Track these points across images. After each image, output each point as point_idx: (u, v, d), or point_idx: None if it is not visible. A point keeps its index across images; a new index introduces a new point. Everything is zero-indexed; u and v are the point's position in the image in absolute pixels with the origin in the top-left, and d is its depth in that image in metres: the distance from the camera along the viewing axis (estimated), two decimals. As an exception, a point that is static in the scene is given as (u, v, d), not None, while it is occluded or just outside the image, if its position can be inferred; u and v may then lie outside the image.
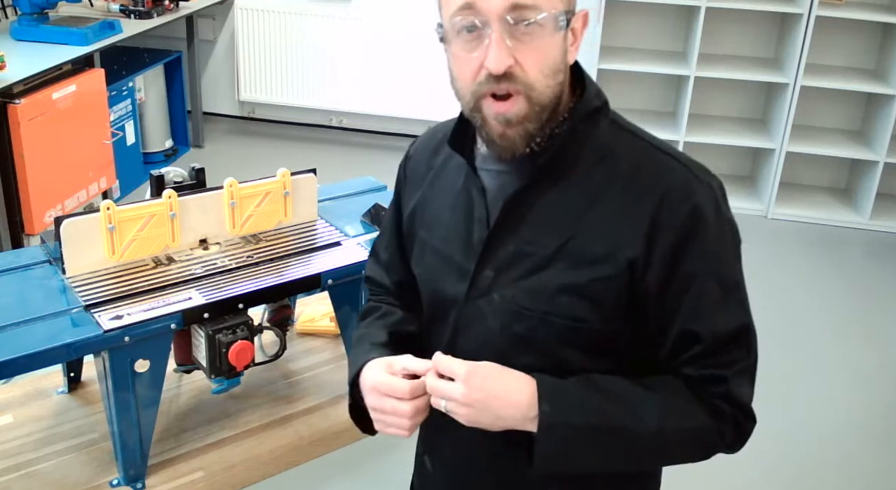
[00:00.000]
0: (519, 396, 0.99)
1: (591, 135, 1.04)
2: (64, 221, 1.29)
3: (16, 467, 1.32)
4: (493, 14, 0.95)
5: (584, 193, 1.02)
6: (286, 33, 4.89)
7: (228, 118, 5.26)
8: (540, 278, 1.02)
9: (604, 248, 1.00)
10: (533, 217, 1.04)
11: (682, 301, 1.02)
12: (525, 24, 0.96)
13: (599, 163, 1.03)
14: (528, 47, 0.97)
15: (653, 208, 0.99)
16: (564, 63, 1.01)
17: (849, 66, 4.39)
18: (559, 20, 0.98)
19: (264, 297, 1.35)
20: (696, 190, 1.01)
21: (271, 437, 1.41)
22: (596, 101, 1.05)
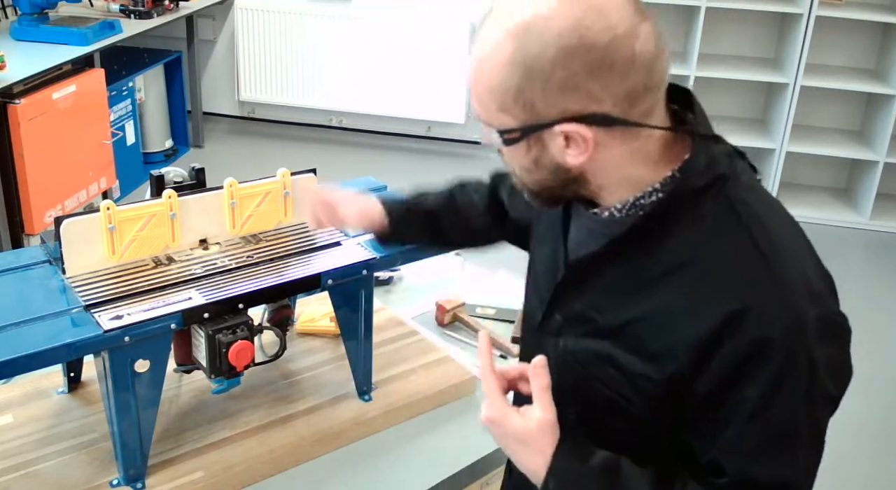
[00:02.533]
0: (524, 464, 0.98)
1: (681, 214, 0.92)
2: (64, 221, 1.29)
3: (16, 467, 1.32)
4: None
5: (654, 278, 0.93)
6: (286, 33, 4.89)
7: (228, 118, 5.26)
8: (599, 345, 0.98)
9: (656, 347, 0.93)
10: (602, 284, 0.98)
11: (720, 434, 0.92)
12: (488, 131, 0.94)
13: (685, 247, 0.92)
14: (503, 149, 0.96)
15: (716, 324, 0.88)
16: (543, 165, 0.93)
17: (849, 66, 4.40)
18: (497, 137, 0.93)
19: (264, 297, 1.35)
20: (775, 320, 0.87)
21: (271, 437, 1.40)
22: (698, 181, 0.92)
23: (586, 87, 0.86)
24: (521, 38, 0.86)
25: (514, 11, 0.87)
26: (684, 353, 0.91)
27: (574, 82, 0.86)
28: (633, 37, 0.86)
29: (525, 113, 0.89)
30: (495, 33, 0.88)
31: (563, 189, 0.97)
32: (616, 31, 0.85)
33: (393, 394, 1.54)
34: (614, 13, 0.85)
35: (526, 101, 0.88)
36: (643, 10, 0.88)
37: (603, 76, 0.85)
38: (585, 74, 0.85)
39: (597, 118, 0.88)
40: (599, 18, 0.84)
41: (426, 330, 1.78)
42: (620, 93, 0.87)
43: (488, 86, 0.90)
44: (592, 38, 0.84)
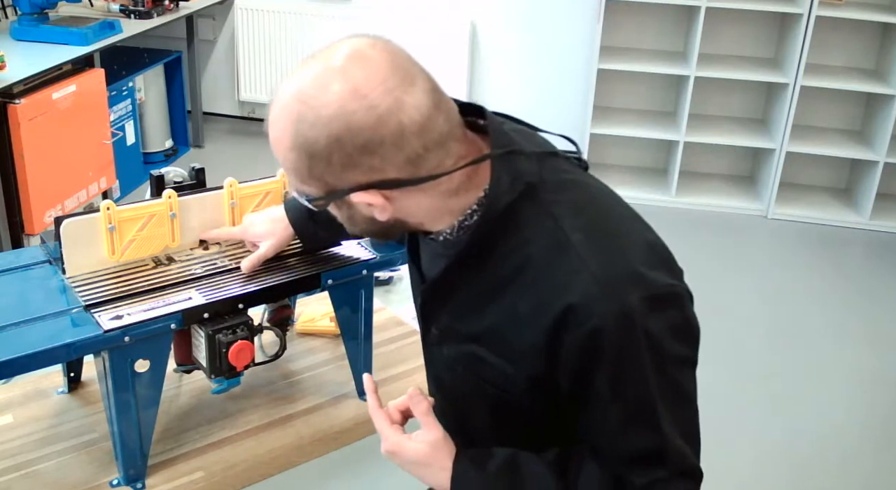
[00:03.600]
0: (435, 481, 1.05)
1: (505, 226, 0.98)
2: (64, 221, 1.29)
3: (16, 467, 1.32)
4: None
5: (494, 289, 1.00)
6: (286, 33, 4.89)
7: (228, 118, 5.26)
8: (471, 348, 1.05)
9: (511, 350, 1.00)
10: (456, 298, 1.05)
11: (587, 419, 1.00)
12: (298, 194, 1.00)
13: (514, 254, 0.98)
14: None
15: (551, 325, 0.95)
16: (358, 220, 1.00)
17: (849, 66, 4.39)
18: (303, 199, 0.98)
19: (264, 297, 1.35)
20: (598, 311, 0.93)
21: (271, 437, 1.40)
22: (507, 197, 0.98)
23: (366, 162, 0.92)
24: (296, 125, 0.91)
25: (293, 100, 0.92)
26: (533, 355, 0.98)
27: (352, 161, 0.91)
28: (397, 111, 0.90)
29: (320, 186, 0.95)
30: (279, 118, 0.94)
31: (386, 234, 1.04)
32: (378, 110, 0.89)
33: (393, 394, 1.53)
34: (375, 92, 0.89)
35: (317, 177, 0.94)
36: (410, 74, 0.93)
37: (377, 152, 0.91)
38: (360, 154, 0.91)
39: (385, 183, 0.93)
40: (360, 101, 0.89)
41: (426, 330, 1.78)
42: (400, 161, 0.92)
43: (284, 163, 0.96)
44: (357, 121, 0.89)
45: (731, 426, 2.77)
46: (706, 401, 1.09)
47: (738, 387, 2.99)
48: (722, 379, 2.98)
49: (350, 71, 0.90)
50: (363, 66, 0.91)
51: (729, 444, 2.68)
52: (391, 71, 0.92)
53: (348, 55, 0.91)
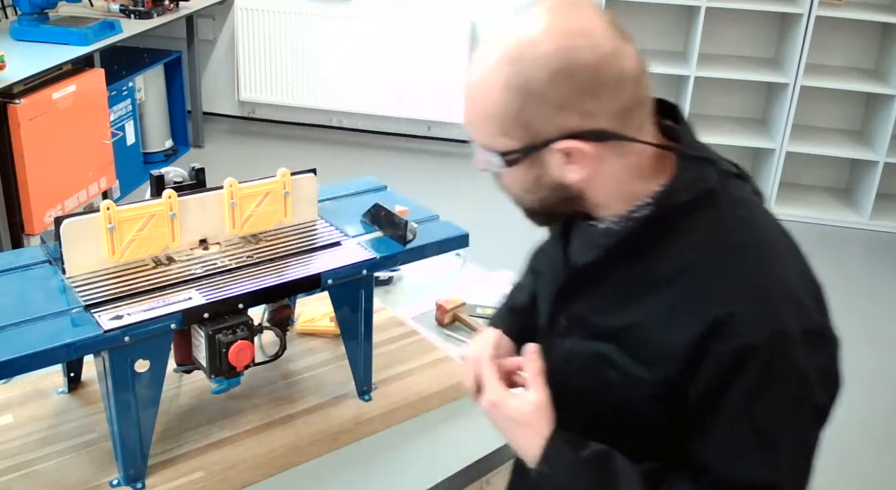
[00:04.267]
0: (522, 447, 1.04)
1: (670, 227, 0.97)
2: (64, 221, 1.29)
3: (16, 467, 1.32)
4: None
5: (647, 286, 0.97)
6: (286, 33, 4.89)
7: (228, 118, 5.26)
8: (599, 346, 1.02)
9: (649, 351, 0.97)
10: (600, 290, 1.03)
11: (708, 435, 0.95)
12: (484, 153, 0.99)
13: (679, 255, 0.96)
14: (500, 170, 1.00)
15: (703, 330, 0.91)
16: (543, 183, 0.98)
17: (849, 66, 4.40)
18: (493, 159, 0.97)
19: (264, 297, 1.35)
20: (759, 328, 0.90)
21: (271, 437, 1.40)
22: (684, 195, 0.96)
23: (581, 105, 0.91)
24: (514, 64, 0.91)
25: (506, 39, 0.92)
26: (674, 359, 0.94)
27: (569, 101, 0.90)
28: (618, 56, 0.91)
29: (525, 134, 0.93)
30: (489, 61, 0.93)
31: (561, 207, 1.01)
32: (602, 50, 0.90)
33: (393, 394, 1.54)
34: (598, 35, 0.91)
35: (525, 122, 0.93)
36: (624, 33, 0.94)
37: (595, 94, 0.90)
38: (578, 93, 0.90)
39: (594, 134, 0.92)
40: (585, 40, 0.90)
41: (426, 330, 1.78)
42: (614, 109, 0.92)
43: (487, 111, 0.94)
44: (580, 59, 0.89)
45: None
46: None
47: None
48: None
49: (572, 13, 0.91)
50: (584, 11, 0.92)
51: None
52: (609, 22, 0.93)
53: (565, 2, 0.93)
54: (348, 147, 5.04)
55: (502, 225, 4.23)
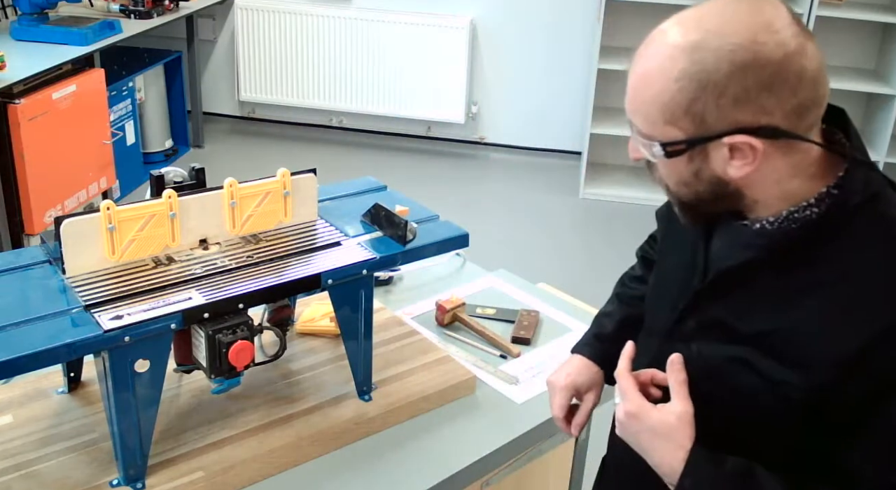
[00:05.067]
0: (661, 460, 0.99)
1: (836, 229, 0.94)
2: (64, 221, 1.29)
3: (16, 467, 1.32)
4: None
5: (804, 289, 0.95)
6: (286, 33, 4.90)
7: (228, 118, 5.26)
8: (737, 350, 0.99)
9: (801, 355, 0.94)
10: (747, 292, 1.00)
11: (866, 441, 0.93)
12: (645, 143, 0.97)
13: (842, 257, 0.93)
14: (658, 160, 0.97)
15: (868, 337, 0.89)
16: (702, 178, 0.95)
17: (849, 66, 4.40)
18: (654, 148, 0.95)
19: (264, 297, 1.35)
20: None
21: (271, 437, 1.40)
22: (855, 198, 0.94)
23: (759, 100, 0.89)
24: (693, 54, 0.89)
25: (685, 29, 0.92)
26: (832, 365, 0.91)
27: (747, 96, 0.88)
28: (801, 54, 0.89)
29: (694, 125, 0.91)
30: (665, 49, 0.92)
31: (716, 203, 0.99)
32: (787, 48, 0.88)
33: (393, 394, 1.54)
34: (784, 31, 0.89)
35: (696, 113, 0.90)
36: (807, 30, 0.92)
37: (776, 91, 0.89)
38: (758, 89, 0.88)
39: (767, 131, 0.90)
40: (771, 35, 0.88)
41: (426, 330, 1.78)
42: (790, 107, 0.90)
43: (656, 100, 0.93)
44: (766, 54, 0.87)
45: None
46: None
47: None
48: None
49: (758, 6, 0.90)
50: (772, 5, 0.90)
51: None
52: (793, 19, 0.91)
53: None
54: (348, 147, 5.04)
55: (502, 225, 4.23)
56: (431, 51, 4.76)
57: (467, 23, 4.69)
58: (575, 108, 4.79)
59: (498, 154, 5.04)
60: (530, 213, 4.39)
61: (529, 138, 4.98)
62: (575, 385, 1.29)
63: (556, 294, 2.00)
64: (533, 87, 4.85)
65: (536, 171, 4.87)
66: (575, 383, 1.29)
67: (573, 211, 4.47)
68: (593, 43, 4.38)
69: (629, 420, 1.02)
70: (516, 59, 4.82)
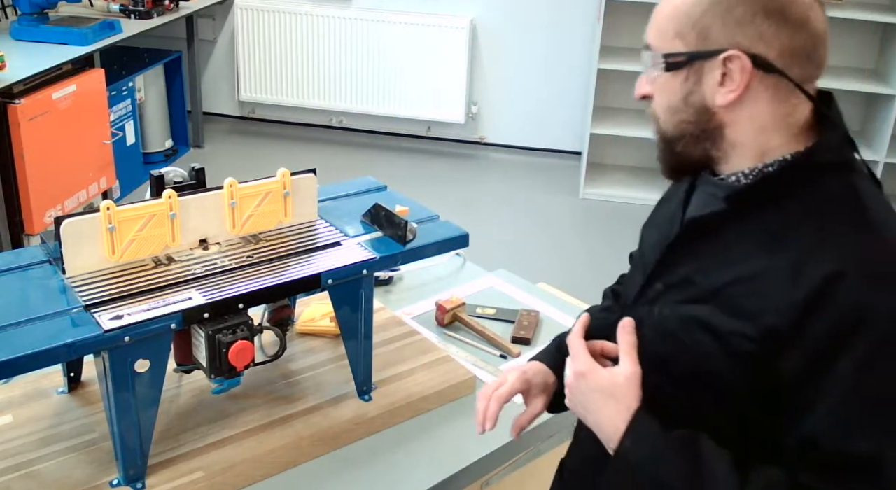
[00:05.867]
0: (607, 421, 1.01)
1: (805, 184, 0.96)
2: (64, 221, 1.29)
3: (16, 467, 1.32)
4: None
5: (766, 243, 0.95)
6: (286, 33, 4.89)
7: (228, 118, 5.26)
8: (695, 310, 0.99)
9: (753, 306, 0.94)
10: (712, 248, 1.01)
11: (816, 403, 0.91)
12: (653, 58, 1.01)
13: (800, 215, 0.95)
14: (656, 82, 1.02)
15: (815, 285, 0.89)
16: (691, 103, 0.99)
17: (849, 66, 4.40)
18: (660, 61, 1.00)
19: (264, 297, 1.35)
20: (879, 286, 0.88)
21: (271, 437, 1.40)
22: (826, 156, 0.97)
23: (761, 26, 0.95)
24: None
25: None
26: (782, 312, 0.91)
27: (752, 20, 0.94)
28: (811, 7, 0.98)
29: (698, 40, 0.97)
30: None
31: (697, 141, 1.01)
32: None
33: (393, 394, 1.54)
34: None
35: (703, 27, 0.96)
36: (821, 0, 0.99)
37: (777, 22, 0.95)
38: (763, 15, 0.94)
39: (759, 60, 0.95)
40: None
41: (426, 330, 1.78)
42: (787, 46, 0.96)
43: (672, 11, 0.98)
44: None
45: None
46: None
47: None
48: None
49: None
50: None
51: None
52: None
53: None
54: (348, 147, 5.04)
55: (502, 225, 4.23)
56: (431, 51, 4.76)
57: (467, 23, 4.69)
58: (575, 108, 4.79)
59: (498, 154, 5.03)
60: (530, 213, 4.39)
61: (529, 138, 4.98)
62: (527, 379, 1.24)
63: (556, 294, 2.00)
64: (533, 87, 4.85)
65: (536, 171, 4.87)
66: (528, 378, 1.24)
67: (573, 211, 4.47)
68: (593, 43, 4.38)
69: (578, 380, 1.03)
70: (516, 59, 4.82)
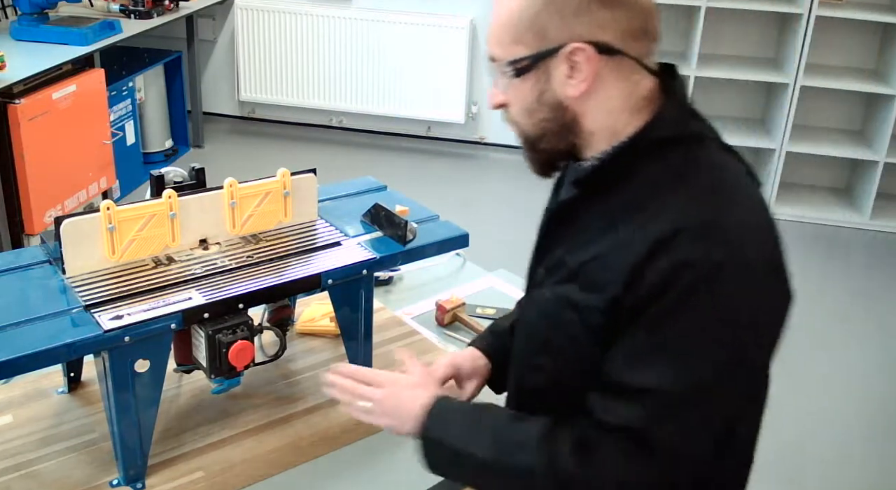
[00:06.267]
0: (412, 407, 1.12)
1: (649, 161, 1.01)
2: (64, 221, 1.29)
3: (16, 467, 1.32)
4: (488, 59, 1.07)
5: (616, 218, 1.00)
6: (286, 33, 4.89)
7: (228, 118, 5.26)
8: (565, 289, 1.05)
9: (603, 278, 0.99)
10: (575, 230, 1.07)
11: (617, 343, 0.98)
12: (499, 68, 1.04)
13: (646, 190, 1.00)
14: (510, 89, 1.04)
15: (649, 246, 0.95)
16: (545, 102, 1.02)
17: (849, 66, 4.40)
18: (506, 69, 1.02)
19: (264, 297, 1.35)
20: (702, 246, 0.93)
21: (271, 437, 1.40)
22: (663, 131, 1.01)
23: (597, 13, 0.97)
24: None
25: None
26: (621, 278, 0.97)
27: (587, 9, 0.97)
28: None
29: (538, 40, 0.99)
30: None
31: (558, 136, 1.05)
32: None
33: (393, 394, 1.53)
34: None
35: (539, 27, 0.99)
36: None
37: (612, 6, 0.98)
38: (598, 3, 0.97)
39: (601, 45, 0.98)
40: None
41: (426, 330, 1.78)
42: (624, 27, 0.99)
43: (506, 19, 1.01)
44: None
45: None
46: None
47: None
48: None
49: None
50: None
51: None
52: None
53: None
54: (348, 147, 5.04)
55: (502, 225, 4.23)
56: (431, 51, 4.76)
57: (467, 23, 4.68)
58: (575, 108, 4.79)
59: (498, 154, 5.03)
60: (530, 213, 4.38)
61: (529, 138, 4.97)
62: (455, 364, 1.30)
63: (556, 294, 1.99)
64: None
65: (536, 171, 4.87)
66: (456, 363, 1.31)
67: (573, 211, 4.47)
68: (593, 43, 4.38)
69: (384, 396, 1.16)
70: (516, 59, 4.81)
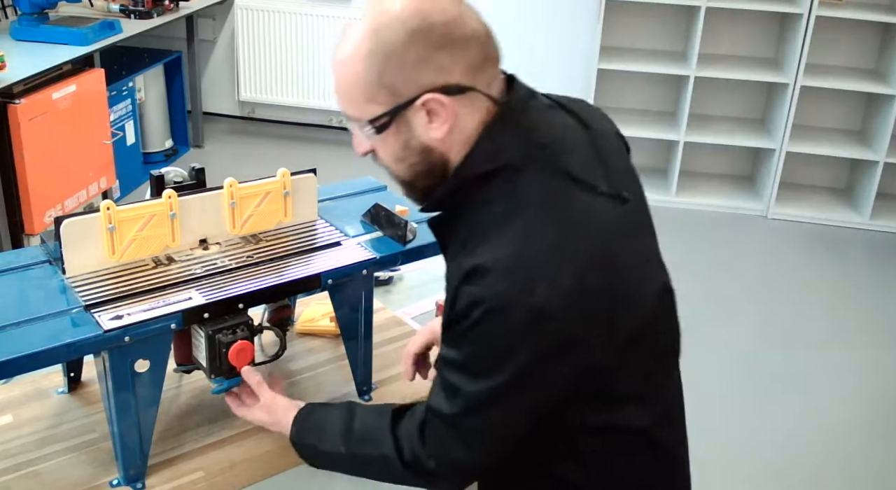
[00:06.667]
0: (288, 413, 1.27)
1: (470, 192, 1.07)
2: (64, 221, 1.29)
3: (16, 467, 1.32)
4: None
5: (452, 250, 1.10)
6: (286, 33, 4.89)
7: (228, 118, 5.26)
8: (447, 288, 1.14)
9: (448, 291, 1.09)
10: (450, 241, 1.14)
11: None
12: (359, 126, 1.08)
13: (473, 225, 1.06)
14: (374, 141, 1.09)
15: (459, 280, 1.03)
16: (412, 148, 1.07)
17: (849, 66, 4.40)
18: (366, 129, 1.07)
19: (264, 297, 1.35)
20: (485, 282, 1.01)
21: (271, 437, 1.40)
22: (477, 168, 1.06)
23: (436, 59, 1.01)
24: (374, 34, 1.01)
25: (365, 19, 1.04)
26: (450, 296, 1.06)
27: (425, 58, 1.01)
28: (464, 17, 1.03)
29: (389, 97, 1.03)
30: (353, 37, 1.04)
31: (430, 175, 1.09)
32: (449, 13, 1.02)
33: (393, 394, 1.54)
34: (444, 2, 1.02)
35: (388, 84, 1.02)
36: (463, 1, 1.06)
37: (447, 49, 1.01)
38: (433, 50, 1.00)
39: (450, 88, 1.02)
40: (434, 4, 1.01)
41: (426, 330, 1.78)
42: (467, 63, 1.02)
43: (353, 82, 1.04)
44: (433, 18, 1.00)
45: (728, 427, 2.77)
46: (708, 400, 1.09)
47: (737, 387, 2.99)
48: (721, 379, 2.98)
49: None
50: None
51: (729, 446, 2.68)
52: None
53: None
54: (348, 147, 5.03)
55: (502, 225, 4.24)
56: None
57: (467, 23, 4.69)
58: (575, 108, 4.79)
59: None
60: (530, 213, 4.39)
61: (529, 138, 4.97)
62: (434, 330, 1.40)
63: (556, 294, 1.99)
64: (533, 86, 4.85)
65: (536, 171, 4.87)
66: (435, 329, 1.39)
67: (573, 211, 4.47)
68: (593, 43, 4.38)
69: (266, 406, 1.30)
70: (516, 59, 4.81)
